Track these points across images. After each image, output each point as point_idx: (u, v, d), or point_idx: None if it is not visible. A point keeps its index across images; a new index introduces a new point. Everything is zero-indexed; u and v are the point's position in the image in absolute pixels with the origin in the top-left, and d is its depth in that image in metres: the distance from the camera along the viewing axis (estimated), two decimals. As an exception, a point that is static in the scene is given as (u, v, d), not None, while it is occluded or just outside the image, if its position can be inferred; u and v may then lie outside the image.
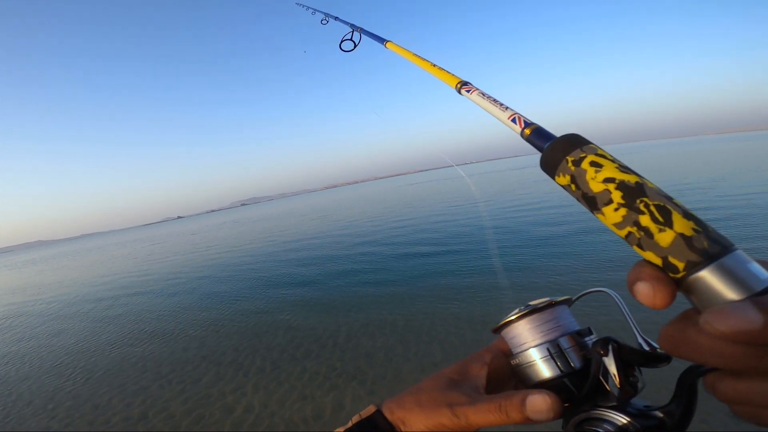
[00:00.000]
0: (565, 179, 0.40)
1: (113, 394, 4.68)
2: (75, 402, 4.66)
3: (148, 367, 5.31)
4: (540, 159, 0.45)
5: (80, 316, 9.30)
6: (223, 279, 10.78)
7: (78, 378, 5.38)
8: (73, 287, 14.58)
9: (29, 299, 13.54)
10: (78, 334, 7.64)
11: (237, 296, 8.49)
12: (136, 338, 6.70)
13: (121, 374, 5.23)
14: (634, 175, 0.35)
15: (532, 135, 0.53)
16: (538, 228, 10.33)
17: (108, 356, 6.05)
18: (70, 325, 8.60)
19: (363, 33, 2.08)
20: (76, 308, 10.29)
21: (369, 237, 13.58)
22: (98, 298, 11.27)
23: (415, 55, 1.25)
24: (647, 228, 0.32)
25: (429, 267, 8.20)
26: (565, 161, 0.40)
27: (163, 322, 7.47)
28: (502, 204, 16.70)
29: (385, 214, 20.71)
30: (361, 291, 7.34)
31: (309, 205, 45.06)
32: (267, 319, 6.56)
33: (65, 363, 6.08)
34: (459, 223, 13.28)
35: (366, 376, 4.17)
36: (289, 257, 12.34)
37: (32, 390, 5.25)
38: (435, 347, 4.58)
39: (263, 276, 10.13)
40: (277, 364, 4.77)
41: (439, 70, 1.00)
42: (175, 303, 8.77)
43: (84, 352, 6.46)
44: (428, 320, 5.40)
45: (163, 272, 14.09)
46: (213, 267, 13.30)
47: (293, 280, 9.19)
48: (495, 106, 0.67)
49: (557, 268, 6.74)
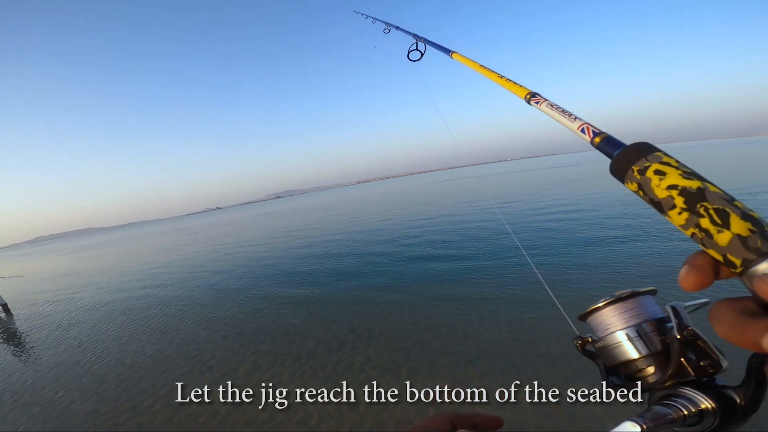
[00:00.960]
0: (633, 186, 0.44)
1: (157, 380, 4.90)
2: (121, 388, 4.89)
3: (191, 353, 5.51)
4: (609, 166, 0.49)
5: (124, 300, 9.70)
6: (257, 271, 10.99)
7: (127, 362, 5.68)
8: (123, 274, 14.87)
9: (71, 287, 14.18)
10: (127, 321, 8.00)
11: (274, 287, 8.69)
12: (180, 326, 6.97)
13: (166, 360, 5.48)
14: (696, 181, 0.38)
15: (602, 143, 0.56)
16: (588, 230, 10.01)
17: (156, 341, 6.32)
18: (125, 312, 8.99)
19: (427, 43, 2.09)
20: (121, 294, 10.72)
21: (402, 233, 13.55)
22: (143, 284, 11.62)
23: (483, 67, 1.24)
24: (707, 230, 0.35)
25: (465, 265, 8.10)
26: (631, 170, 0.44)
27: (205, 309, 7.74)
28: (546, 203, 16.23)
29: (407, 211, 20.48)
30: (397, 286, 7.35)
31: (343, 198, 44.85)
32: (303, 311, 6.69)
33: (113, 349, 6.42)
34: (494, 224, 13.01)
35: (401, 369, 4.17)
36: (325, 250, 12.43)
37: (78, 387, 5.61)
38: (470, 343, 4.51)
39: (299, 269, 10.29)
40: (313, 355, 4.85)
41: (507, 81, 1.02)
42: (214, 292, 9.07)
43: (134, 338, 6.77)
44: (464, 317, 5.33)
45: (200, 263, 14.37)
46: (246, 259, 13.51)
47: (330, 272, 9.31)
48: (564, 116, 0.71)
49: (595, 267, 6.52)
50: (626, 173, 0.45)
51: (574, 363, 3.65)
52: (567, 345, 4.09)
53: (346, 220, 22.08)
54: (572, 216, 11.90)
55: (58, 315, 9.50)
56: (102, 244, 48.68)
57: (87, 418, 4.22)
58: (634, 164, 0.44)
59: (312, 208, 43.51)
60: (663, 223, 7.50)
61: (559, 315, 4.93)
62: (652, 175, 0.41)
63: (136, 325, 7.45)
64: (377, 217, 21.20)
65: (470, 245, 9.89)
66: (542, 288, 5.88)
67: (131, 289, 11.50)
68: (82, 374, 5.46)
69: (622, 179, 0.46)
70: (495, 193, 24.59)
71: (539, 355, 4.04)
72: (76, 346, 6.80)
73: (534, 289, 5.92)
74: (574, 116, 0.68)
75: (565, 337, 4.23)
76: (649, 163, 0.42)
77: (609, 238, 8.31)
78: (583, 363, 0.68)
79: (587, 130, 0.62)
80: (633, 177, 0.44)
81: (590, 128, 0.62)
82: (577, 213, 12.26)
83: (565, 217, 11.88)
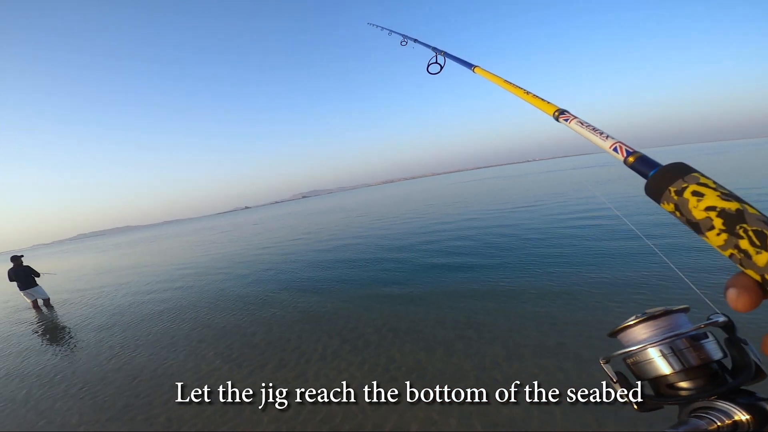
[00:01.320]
0: (669, 206, 0.45)
1: (188, 376, 5.02)
2: (155, 382, 5.07)
3: (220, 350, 5.65)
4: (645, 186, 0.50)
5: (160, 295, 10.07)
6: (282, 268, 11.08)
7: (161, 352, 5.87)
8: (155, 269, 15.34)
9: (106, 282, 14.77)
10: (162, 320, 8.29)
11: (300, 284, 8.77)
12: (210, 321, 7.14)
13: (197, 355, 5.63)
14: (735, 202, 0.39)
15: (636, 163, 0.57)
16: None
17: (188, 335, 6.51)
18: (162, 302, 9.32)
19: (447, 56, 2.05)
20: (152, 294, 11.11)
21: (427, 233, 13.40)
22: (178, 279, 12.08)
23: (507, 82, 1.22)
24: (746, 251, 0.36)
25: (492, 265, 7.96)
26: (668, 191, 0.45)
27: (236, 303, 7.91)
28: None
29: (433, 211, 20.33)
30: (422, 285, 7.30)
31: (368, 199, 44.63)
32: (329, 308, 6.74)
33: (149, 341, 6.66)
34: (523, 225, 12.77)
35: (425, 370, 4.13)
36: (350, 249, 12.38)
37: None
38: (497, 346, 4.42)
39: (323, 267, 10.33)
40: (338, 353, 4.87)
41: (533, 97, 1.00)
42: (244, 288, 9.23)
43: (167, 331, 7.00)
44: (491, 317, 5.23)
45: (227, 259, 14.58)
46: (272, 256, 13.53)
47: (355, 271, 9.34)
48: (595, 134, 0.70)
49: (623, 277, 6.29)
50: (663, 194, 0.45)
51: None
52: (597, 348, 3.98)
53: (371, 221, 22.12)
54: (603, 222, 11.55)
55: (95, 311, 9.92)
56: (138, 241, 50.77)
57: (122, 413, 4.38)
58: (671, 185, 0.44)
59: (337, 208, 43.88)
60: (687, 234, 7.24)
61: (589, 318, 4.79)
62: (690, 197, 0.42)
63: (169, 323, 7.69)
64: (402, 217, 21.15)
65: (496, 247, 9.73)
66: (574, 291, 5.74)
67: (161, 290, 11.86)
68: (118, 367, 5.68)
69: (658, 200, 0.47)
70: (522, 194, 24.08)
71: (569, 358, 3.92)
72: (117, 335, 7.09)
73: (565, 293, 5.77)
74: (605, 135, 0.68)
75: (597, 341, 4.11)
76: (686, 184, 0.43)
77: (640, 247, 8.01)
78: (614, 367, 0.66)
79: (620, 149, 0.62)
80: (670, 198, 0.44)
81: (623, 147, 0.62)
82: (608, 219, 11.88)
83: (597, 223, 11.55)
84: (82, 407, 4.60)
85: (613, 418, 3.01)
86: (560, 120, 0.82)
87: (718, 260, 5.99)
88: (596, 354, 3.84)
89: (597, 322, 4.59)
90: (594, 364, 3.66)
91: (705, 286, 5.12)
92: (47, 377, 5.71)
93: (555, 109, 0.86)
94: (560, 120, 0.82)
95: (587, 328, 4.50)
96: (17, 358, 6.90)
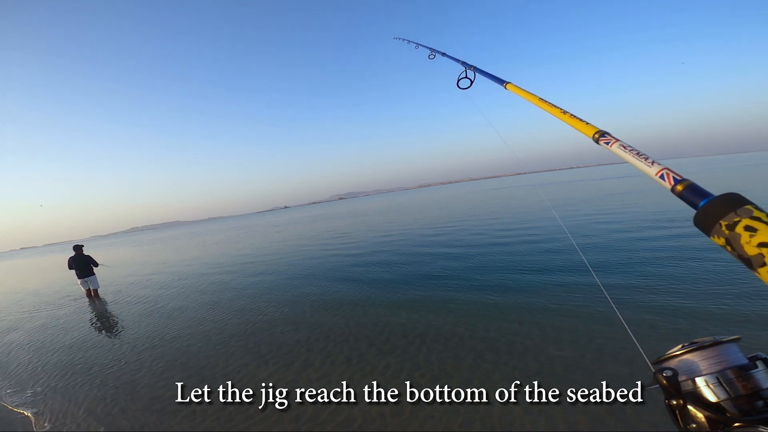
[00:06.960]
0: (720, 240, 0.43)
1: (217, 370, 5.11)
2: (186, 373, 5.22)
3: (249, 347, 5.75)
4: (694, 218, 0.48)
5: (200, 287, 10.40)
6: (313, 267, 11.08)
7: (197, 344, 6.04)
8: (204, 264, 15.42)
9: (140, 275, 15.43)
10: (198, 308, 8.56)
11: (330, 285, 8.83)
12: (242, 317, 7.27)
13: (226, 351, 5.75)
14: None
15: (685, 192, 0.53)
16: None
17: (222, 328, 6.67)
18: (197, 297, 9.67)
19: (478, 72, 1.97)
20: (199, 278, 11.50)
21: (460, 240, 13.11)
22: (221, 274, 12.46)
23: (542, 100, 1.13)
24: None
25: (527, 276, 7.65)
26: (719, 225, 0.42)
27: (268, 302, 8.02)
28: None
29: (468, 217, 19.75)
30: (453, 293, 7.11)
31: (405, 202, 43.55)
32: (358, 311, 6.73)
33: (191, 333, 6.89)
34: (558, 236, 12.22)
35: (451, 379, 3.98)
36: (383, 253, 12.33)
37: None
38: (529, 359, 4.20)
39: (357, 269, 10.37)
40: (364, 357, 4.82)
41: (571, 117, 0.94)
42: (275, 286, 9.38)
43: (195, 328, 7.20)
44: (523, 329, 5.00)
45: (263, 257, 14.67)
46: (305, 256, 13.63)
47: (385, 275, 9.29)
48: (639, 159, 0.66)
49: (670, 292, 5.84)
50: (713, 227, 0.43)
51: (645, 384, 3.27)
52: (636, 366, 3.71)
53: (405, 224, 22.04)
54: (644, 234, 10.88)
55: (142, 300, 10.45)
56: (187, 235, 53.54)
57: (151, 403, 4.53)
58: (723, 218, 0.42)
59: (374, 210, 43.93)
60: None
61: (627, 335, 4.45)
62: (742, 231, 0.40)
63: (209, 314, 7.93)
64: (436, 222, 20.85)
65: (533, 257, 9.35)
66: (609, 306, 5.40)
67: (205, 283, 12.25)
68: (159, 354, 5.91)
69: (708, 233, 0.44)
70: (558, 203, 23.11)
71: (607, 375, 3.66)
72: (161, 317, 7.40)
73: (602, 307, 5.42)
74: (651, 160, 0.64)
75: (636, 359, 3.82)
76: (738, 218, 0.41)
77: (683, 264, 7.46)
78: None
79: (667, 176, 0.58)
80: (720, 231, 0.42)
81: (671, 175, 0.58)
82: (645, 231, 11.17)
83: (641, 236, 10.91)
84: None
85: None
86: (600, 143, 0.79)
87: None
88: (634, 372, 3.57)
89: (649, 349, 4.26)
90: (630, 383, 3.40)
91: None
92: (102, 365, 6.03)
93: (595, 130, 0.82)
94: (600, 143, 0.79)
95: (625, 344, 4.19)
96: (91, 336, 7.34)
